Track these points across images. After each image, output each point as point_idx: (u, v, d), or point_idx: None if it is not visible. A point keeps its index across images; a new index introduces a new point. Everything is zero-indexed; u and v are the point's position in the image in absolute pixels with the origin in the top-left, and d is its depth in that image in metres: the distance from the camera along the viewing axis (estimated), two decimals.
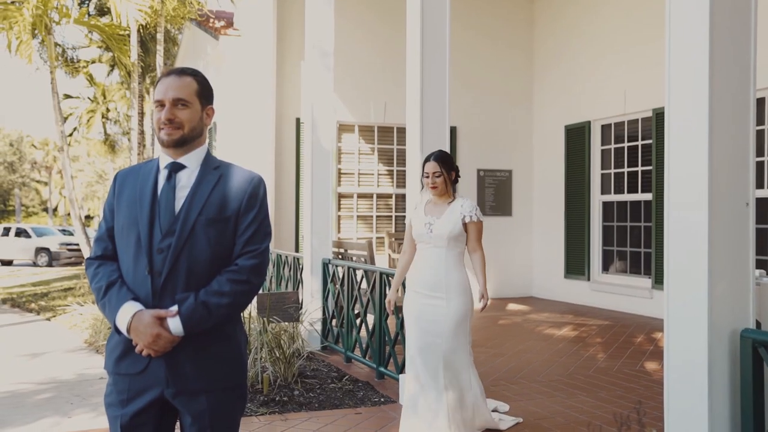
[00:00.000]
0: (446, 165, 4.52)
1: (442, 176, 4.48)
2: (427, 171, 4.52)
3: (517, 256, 12.37)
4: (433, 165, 4.50)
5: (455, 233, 4.38)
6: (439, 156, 4.54)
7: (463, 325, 4.38)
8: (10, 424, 4.91)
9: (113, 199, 2.44)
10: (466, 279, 4.44)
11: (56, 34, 14.08)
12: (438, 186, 4.48)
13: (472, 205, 4.50)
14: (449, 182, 4.53)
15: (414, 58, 5.50)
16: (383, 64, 11.37)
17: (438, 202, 4.56)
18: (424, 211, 4.58)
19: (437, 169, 4.48)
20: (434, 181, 4.49)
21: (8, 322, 10.16)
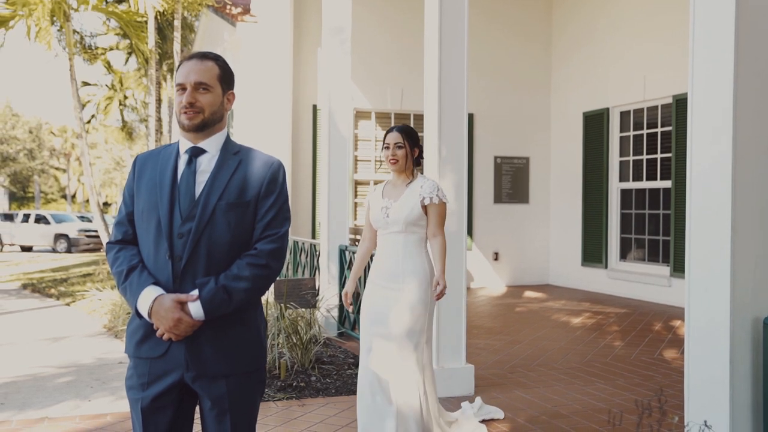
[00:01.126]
0: (410, 139, 4.03)
1: (404, 149, 3.98)
2: (387, 142, 4.02)
3: (533, 243, 12.32)
4: (395, 135, 4.02)
5: (413, 217, 3.91)
6: (404, 128, 4.07)
7: (419, 318, 3.86)
8: (32, 407, 4.97)
9: (133, 183, 2.44)
10: (426, 267, 3.96)
11: (74, 21, 14.15)
12: (398, 160, 3.96)
13: (434, 185, 3.99)
14: (411, 159, 4.03)
15: (432, 44, 5.46)
16: (400, 50, 11.31)
17: (397, 183, 4.07)
18: (382, 194, 4.10)
19: (399, 140, 3.99)
20: (394, 153, 3.97)
21: (29, 307, 10.27)
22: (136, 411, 2.35)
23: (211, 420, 2.36)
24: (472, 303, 10.03)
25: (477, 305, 9.90)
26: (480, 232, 11.99)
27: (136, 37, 10.93)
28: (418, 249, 3.96)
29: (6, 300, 11.05)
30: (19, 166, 33.03)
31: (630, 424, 4.49)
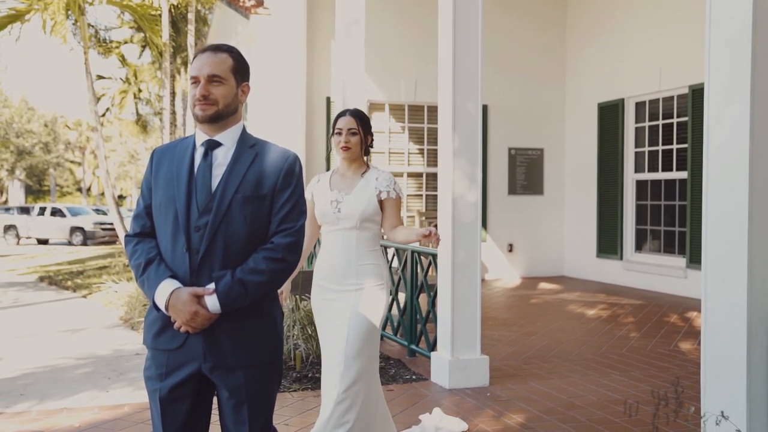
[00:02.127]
0: (364, 124, 3.62)
1: (358, 135, 3.56)
2: (339, 127, 3.58)
3: (548, 235, 12.29)
4: (349, 120, 3.59)
5: (369, 212, 3.50)
6: (357, 112, 3.64)
7: (376, 317, 3.49)
8: (52, 397, 5.02)
9: (151, 177, 2.45)
10: (382, 267, 3.56)
11: (89, 15, 14.20)
12: (351, 147, 3.54)
13: (390, 177, 3.61)
14: (364, 146, 3.62)
15: (446, 34, 5.45)
16: (413, 42, 11.28)
17: (347, 174, 3.64)
18: (329, 185, 3.63)
19: (354, 125, 3.57)
20: (348, 139, 3.54)
21: (46, 299, 10.36)
22: (154, 401, 2.38)
23: (228, 410, 2.38)
24: (487, 294, 10.02)
25: (491, 297, 9.89)
26: (494, 223, 11.97)
27: (150, 30, 10.96)
28: (372, 247, 3.55)
29: (23, 292, 11.16)
30: (35, 160, 33.30)
31: (646, 415, 4.49)
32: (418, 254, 6.19)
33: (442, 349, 5.47)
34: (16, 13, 9.66)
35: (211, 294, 2.27)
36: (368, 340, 3.47)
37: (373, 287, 3.50)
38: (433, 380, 5.48)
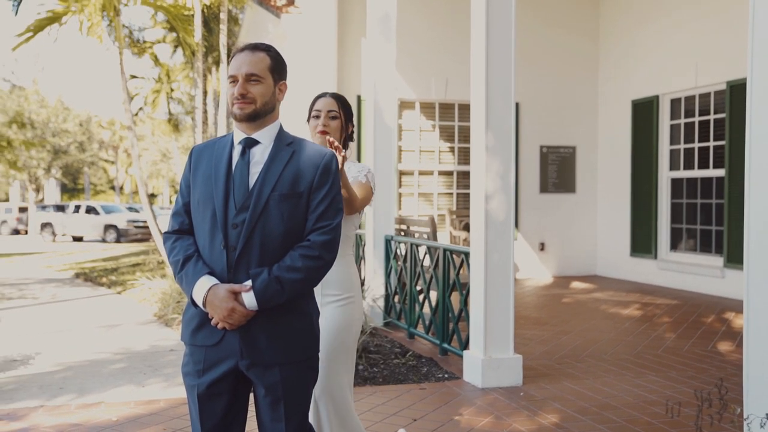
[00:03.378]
0: (345, 109, 3.20)
1: (338, 120, 3.15)
2: (318, 109, 3.18)
3: (580, 233, 12.17)
4: (329, 101, 3.18)
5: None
6: (339, 95, 3.25)
7: (345, 339, 3.01)
8: (90, 392, 5.10)
9: (189, 174, 2.48)
10: (352, 275, 3.09)
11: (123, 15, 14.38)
12: (330, 131, 3.13)
13: (365, 167, 3.22)
14: (345, 134, 3.22)
15: (479, 31, 5.41)
16: (444, 39, 11.25)
17: None
18: None
19: (334, 108, 3.16)
20: (326, 123, 3.13)
21: (82, 295, 10.53)
22: (192, 397, 2.40)
23: (265, 407, 2.40)
24: (518, 293, 9.95)
25: (523, 296, 9.82)
26: (526, 222, 11.89)
27: (183, 30, 11.07)
28: (342, 251, 3.01)
29: (60, 288, 11.35)
30: (70, 159, 33.85)
31: (686, 417, 4.41)
32: (450, 252, 6.17)
33: (475, 347, 5.44)
34: (53, 15, 9.83)
35: (248, 291, 2.29)
36: (330, 368, 2.93)
37: (339, 301, 2.99)
38: (465, 379, 5.45)
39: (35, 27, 9.89)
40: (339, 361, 2.98)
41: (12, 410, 4.63)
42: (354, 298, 3.05)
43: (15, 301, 9.78)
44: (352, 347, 3.05)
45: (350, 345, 3.03)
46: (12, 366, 5.86)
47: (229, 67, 2.46)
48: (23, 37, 10.01)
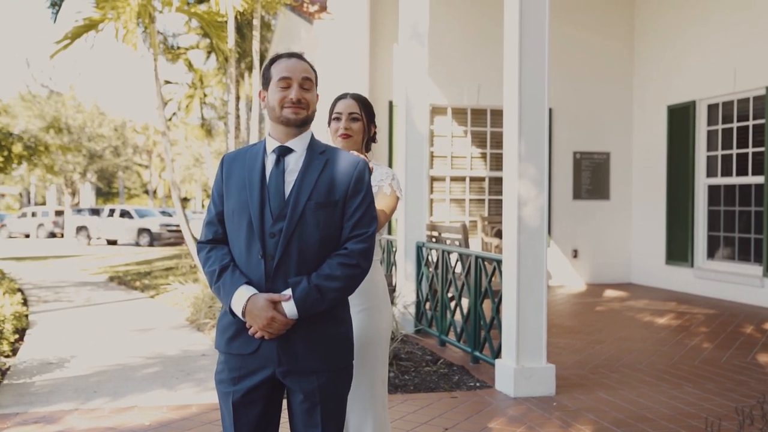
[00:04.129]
0: (367, 110, 3.08)
1: (360, 122, 3.03)
2: (338, 111, 3.06)
3: (614, 241, 12.01)
4: (350, 103, 3.05)
5: None
6: (360, 96, 3.11)
7: (373, 351, 2.91)
8: (123, 395, 5.14)
9: (222, 184, 2.47)
10: (379, 283, 2.98)
11: (158, 22, 14.57)
12: (352, 134, 3.01)
13: (388, 172, 3.06)
14: (367, 135, 3.09)
15: (512, 36, 5.36)
16: (476, 45, 11.19)
17: None
18: None
19: (356, 110, 3.04)
20: (348, 126, 3.01)
21: (116, 299, 10.65)
22: (226, 404, 2.40)
23: (301, 413, 2.40)
24: (551, 301, 9.84)
25: (556, 303, 9.71)
26: (558, 228, 11.76)
27: (217, 36, 11.17)
28: None
29: (95, 292, 11.50)
30: (105, 163, 34.39)
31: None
32: (482, 260, 6.12)
33: (507, 356, 5.38)
34: (90, 22, 9.98)
35: (287, 300, 2.29)
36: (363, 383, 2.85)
37: (363, 311, 2.88)
38: (497, 388, 5.39)
39: (73, 34, 10.05)
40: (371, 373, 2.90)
41: (48, 413, 4.69)
42: (379, 307, 2.94)
43: (51, 304, 9.92)
44: (381, 357, 2.94)
45: (379, 355, 2.93)
46: (48, 369, 5.93)
47: (278, 70, 2.45)
48: (61, 44, 10.18)
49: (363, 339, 2.88)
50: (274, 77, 2.44)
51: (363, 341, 2.88)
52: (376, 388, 2.93)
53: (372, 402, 2.90)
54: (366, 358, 2.89)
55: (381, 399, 2.95)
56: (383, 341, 2.94)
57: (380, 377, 2.95)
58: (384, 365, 2.97)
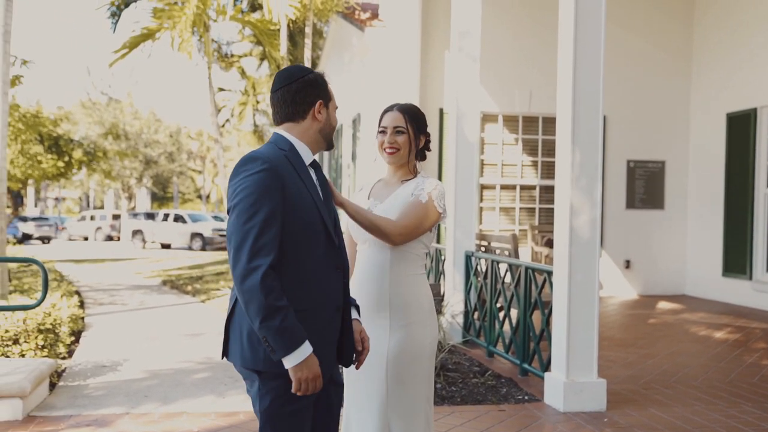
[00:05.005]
0: (415, 122, 2.95)
1: (405, 135, 2.91)
2: (384, 125, 2.95)
3: (669, 251, 11.71)
4: (395, 116, 2.94)
5: None
6: (407, 107, 2.98)
7: (416, 367, 2.82)
8: (173, 400, 5.21)
9: (279, 196, 2.27)
10: (423, 296, 2.88)
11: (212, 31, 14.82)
12: (399, 148, 2.90)
13: (433, 183, 2.91)
14: (414, 149, 2.95)
15: (566, 44, 5.28)
16: (528, 52, 11.07)
17: (391, 182, 2.99)
18: (369, 194, 3.03)
19: (401, 123, 2.92)
20: (393, 140, 2.90)
21: (168, 303, 10.84)
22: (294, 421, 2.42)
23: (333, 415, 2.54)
24: (602, 312, 9.65)
25: (607, 315, 9.52)
26: (610, 238, 11.54)
27: (270, 44, 11.31)
28: (413, 271, 2.86)
29: (148, 295, 11.73)
30: (160, 168, 35.16)
31: None
32: (532, 270, 6.03)
33: (557, 370, 5.28)
34: (147, 32, 10.23)
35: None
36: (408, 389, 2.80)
37: (406, 327, 2.81)
38: (546, 402, 5.30)
39: (131, 44, 10.31)
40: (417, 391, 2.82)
41: (100, 416, 4.79)
42: (423, 322, 2.84)
43: (106, 307, 10.16)
44: (424, 374, 2.85)
45: (422, 372, 2.84)
46: (102, 372, 6.06)
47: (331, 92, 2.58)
48: (119, 53, 10.45)
49: (405, 356, 2.80)
50: (333, 98, 2.52)
51: (405, 358, 2.80)
52: (420, 405, 2.84)
53: (414, 420, 2.82)
54: (408, 375, 2.81)
55: (425, 417, 2.87)
56: (427, 358, 2.86)
57: (424, 395, 2.87)
58: (428, 383, 2.89)
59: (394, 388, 2.79)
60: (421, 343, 2.83)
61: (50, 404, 5.02)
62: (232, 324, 2.35)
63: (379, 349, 2.80)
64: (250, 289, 2.14)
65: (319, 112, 2.44)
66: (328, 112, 2.47)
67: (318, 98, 2.44)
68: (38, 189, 48.50)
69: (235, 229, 2.20)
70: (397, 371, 2.80)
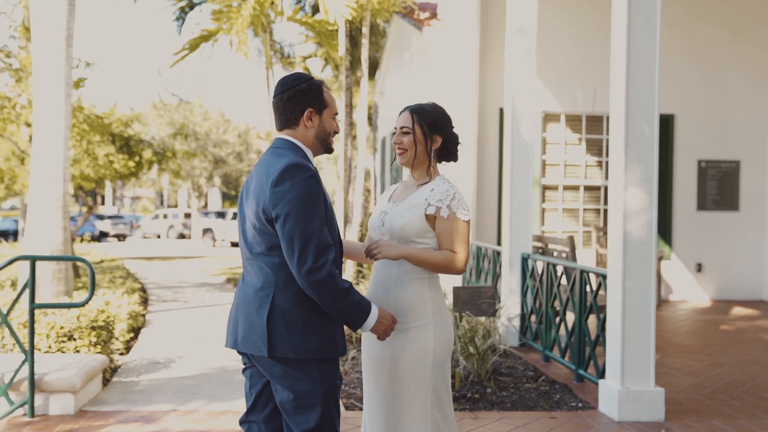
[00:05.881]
0: (424, 120, 2.88)
1: (411, 136, 2.86)
2: (395, 126, 2.93)
3: (744, 255, 11.17)
4: (403, 117, 2.91)
5: (411, 230, 2.78)
6: (419, 107, 2.92)
7: (418, 372, 2.75)
8: (219, 399, 5.25)
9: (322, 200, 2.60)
10: (428, 300, 2.80)
11: (276, 31, 15.00)
12: (406, 148, 2.86)
13: (449, 190, 2.82)
14: (425, 148, 2.88)
15: (619, 39, 5.07)
16: (591, 49, 10.75)
17: (409, 184, 2.97)
18: (390, 197, 3.01)
19: (407, 123, 2.88)
20: (399, 140, 2.88)
21: (229, 301, 10.96)
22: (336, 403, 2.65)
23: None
24: (670, 317, 9.29)
25: (675, 320, 9.15)
26: (680, 241, 11.09)
27: (328, 45, 11.34)
28: (417, 274, 2.80)
29: (211, 293, 11.94)
30: (229, 168, 35.88)
31: None
32: (587, 273, 5.82)
33: (611, 377, 5.08)
34: (207, 33, 10.40)
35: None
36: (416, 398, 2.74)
37: (410, 330, 2.75)
38: (600, 410, 5.10)
39: (191, 45, 10.50)
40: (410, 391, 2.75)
41: (148, 412, 4.85)
42: (428, 326, 2.76)
43: (168, 304, 10.37)
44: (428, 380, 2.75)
45: (426, 377, 2.75)
46: (155, 368, 6.17)
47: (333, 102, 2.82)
48: (180, 54, 10.66)
49: (406, 360, 2.75)
50: (330, 105, 2.71)
51: (406, 362, 2.75)
52: (423, 411, 2.75)
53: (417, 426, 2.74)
54: (409, 380, 2.75)
55: (433, 424, 2.77)
56: (431, 363, 2.76)
57: (429, 400, 2.76)
58: (436, 388, 2.78)
59: (396, 392, 2.77)
60: (423, 348, 2.75)
61: (102, 399, 5.13)
62: (274, 321, 2.53)
63: (383, 352, 2.80)
64: (321, 283, 2.46)
65: (309, 119, 2.66)
66: (321, 119, 2.69)
67: (308, 106, 2.66)
68: (115, 188, 50.24)
69: (296, 233, 2.46)
70: (397, 375, 2.76)
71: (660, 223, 10.93)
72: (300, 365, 2.54)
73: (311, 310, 2.53)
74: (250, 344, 2.58)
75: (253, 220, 2.59)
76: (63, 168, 7.66)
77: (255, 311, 2.57)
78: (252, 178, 2.69)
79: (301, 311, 2.53)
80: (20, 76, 10.97)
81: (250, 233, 2.62)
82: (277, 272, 2.55)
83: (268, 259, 2.56)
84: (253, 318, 2.57)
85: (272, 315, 2.53)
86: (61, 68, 7.72)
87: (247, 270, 2.69)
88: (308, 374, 2.54)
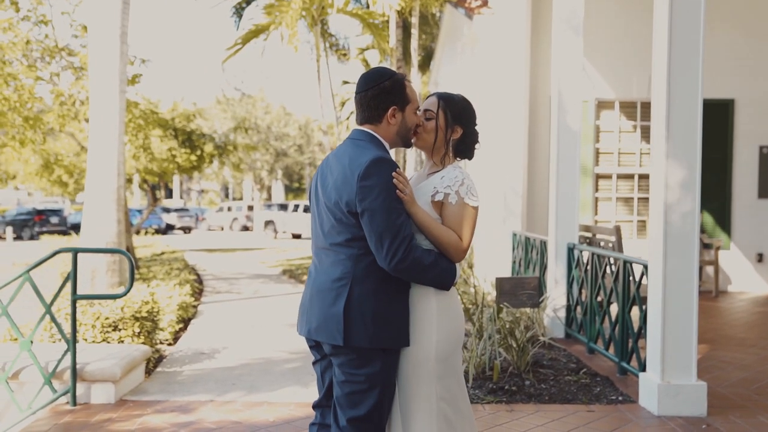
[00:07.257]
0: (450, 109, 2.84)
1: (433, 120, 2.83)
2: (421, 108, 2.89)
3: None
4: (429, 101, 2.88)
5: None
6: (446, 95, 2.89)
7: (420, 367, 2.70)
8: (258, 390, 5.35)
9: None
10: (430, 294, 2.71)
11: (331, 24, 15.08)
12: (427, 131, 2.83)
13: (458, 176, 2.75)
14: (444, 136, 2.83)
15: (661, 19, 4.92)
16: (646, 35, 10.36)
17: (423, 173, 2.94)
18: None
19: (432, 107, 2.85)
20: (421, 122, 2.84)
21: (282, 292, 11.16)
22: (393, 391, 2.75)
23: None
24: (727, 309, 8.98)
25: (732, 312, 8.84)
26: (740, 230, 10.70)
27: (379, 36, 11.35)
28: None
29: (265, 284, 12.14)
30: (290, 161, 36.31)
31: None
32: (630, 264, 5.68)
33: (651, 370, 4.96)
34: (258, 27, 10.55)
35: None
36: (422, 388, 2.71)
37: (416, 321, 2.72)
38: (641, 404, 4.99)
39: (243, 39, 10.68)
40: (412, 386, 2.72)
41: (186, 402, 4.98)
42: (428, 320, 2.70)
43: (222, 295, 10.60)
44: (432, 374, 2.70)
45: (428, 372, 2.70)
46: (199, 359, 6.32)
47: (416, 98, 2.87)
48: (232, 49, 10.84)
49: (409, 353, 2.71)
50: (412, 101, 2.76)
51: (407, 357, 2.71)
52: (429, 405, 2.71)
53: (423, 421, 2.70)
54: (410, 375, 2.72)
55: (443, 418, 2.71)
56: (434, 359, 2.70)
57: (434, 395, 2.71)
58: (443, 383, 2.73)
59: (401, 385, 2.74)
60: (423, 343, 2.70)
61: (143, 389, 5.29)
62: (351, 311, 2.60)
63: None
64: (410, 269, 2.59)
65: (393, 117, 2.71)
66: (404, 116, 2.74)
67: (392, 104, 2.71)
68: (182, 181, 51.50)
69: (388, 225, 2.56)
70: (400, 368, 2.74)
71: (718, 211, 10.57)
72: (368, 354, 2.61)
73: (386, 301, 2.61)
74: (325, 333, 2.63)
75: (334, 211, 2.64)
76: (117, 162, 7.90)
77: (332, 301, 2.63)
78: (329, 167, 2.72)
79: (378, 302, 2.60)
80: (80, 74, 11.36)
81: (329, 224, 2.67)
82: (355, 263, 2.62)
83: (347, 250, 2.63)
84: (330, 307, 2.62)
85: (349, 305, 2.60)
86: (115, 65, 7.95)
87: (321, 259, 2.73)
88: (372, 363, 2.61)
